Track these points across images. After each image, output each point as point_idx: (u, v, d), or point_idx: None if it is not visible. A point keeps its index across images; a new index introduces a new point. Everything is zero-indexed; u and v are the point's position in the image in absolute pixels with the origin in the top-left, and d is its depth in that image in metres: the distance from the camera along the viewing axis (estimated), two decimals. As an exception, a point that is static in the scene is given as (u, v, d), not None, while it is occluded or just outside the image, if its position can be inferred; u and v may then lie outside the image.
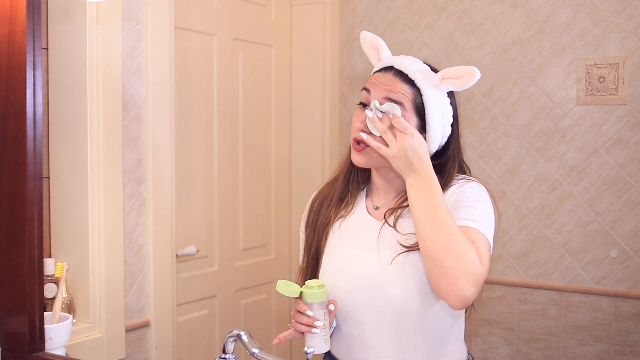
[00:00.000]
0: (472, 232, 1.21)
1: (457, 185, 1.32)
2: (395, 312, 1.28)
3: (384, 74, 1.32)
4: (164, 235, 1.93)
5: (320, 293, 1.24)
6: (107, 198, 1.72)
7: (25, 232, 1.31)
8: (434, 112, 1.29)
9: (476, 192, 1.29)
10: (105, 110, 1.71)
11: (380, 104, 1.26)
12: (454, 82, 1.28)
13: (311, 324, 1.24)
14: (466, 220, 1.23)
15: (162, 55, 1.89)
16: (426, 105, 1.29)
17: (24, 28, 1.28)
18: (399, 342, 1.29)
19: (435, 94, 1.29)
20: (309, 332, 1.24)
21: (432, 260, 1.18)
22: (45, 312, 1.44)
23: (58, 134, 1.72)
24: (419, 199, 1.21)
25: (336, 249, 1.36)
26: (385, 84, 1.30)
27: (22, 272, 1.32)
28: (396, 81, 1.30)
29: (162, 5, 1.88)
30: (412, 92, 1.29)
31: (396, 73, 1.31)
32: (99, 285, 1.72)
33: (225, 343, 1.22)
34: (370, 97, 1.30)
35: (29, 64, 1.29)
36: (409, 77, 1.29)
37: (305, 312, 1.24)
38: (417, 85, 1.29)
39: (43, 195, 1.65)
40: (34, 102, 1.30)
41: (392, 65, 1.32)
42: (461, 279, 1.15)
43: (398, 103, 1.28)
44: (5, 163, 1.32)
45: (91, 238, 1.70)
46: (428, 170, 1.22)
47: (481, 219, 1.24)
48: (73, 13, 1.68)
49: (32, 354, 1.33)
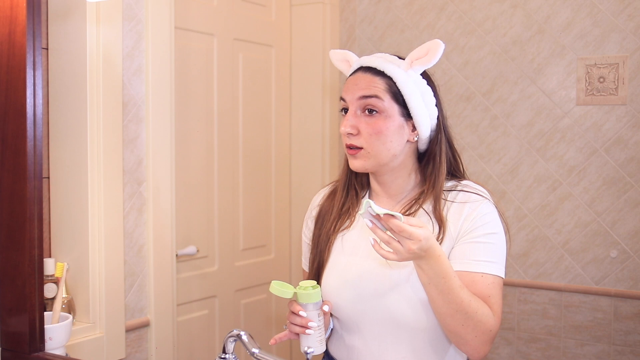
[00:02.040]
0: (488, 284, 1.24)
1: (468, 202, 1.29)
2: (397, 320, 1.27)
3: (354, 75, 1.33)
4: (164, 235, 1.93)
5: (313, 294, 1.23)
6: (107, 198, 1.72)
7: (25, 232, 1.31)
8: (412, 95, 1.28)
9: (488, 219, 1.27)
10: (105, 110, 1.71)
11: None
12: (422, 61, 1.28)
13: (305, 324, 1.23)
14: (483, 262, 1.24)
15: (162, 55, 1.89)
16: (402, 89, 1.28)
17: (24, 28, 1.28)
18: (400, 351, 1.29)
19: (408, 78, 1.28)
20: (303, 332, 1.23)
21: (451, 333, 1.23)
22: (45, 312, 1.44)
23: (58, 134, 1.72)
24: (430, 281, 1.17)
25: (338, 258, 1.35)
26: (357, 84, 1.30)
27: (22, 272, 1.32)
28: (367, 77, 1.29)
29: (162, 5, 1.88)
30: (385, 82, 1.28)
31: (365, 70, 1.31)
32: (99, 285, 1.72)
33: (225, 343, 1.22)
34: (347, 103, 1.31)
35: (29, 64, 1.29)
36: (378, 69, 1.29)
37: (299, 312, 1.23)
38: (388, 74, 1.28)
39: (43, 195, 1.65)
40: (34, 102, 1.30)
41: (361, 65, 1.32)
42: (481, 346, 1.22)
43: (371, 97, 1.27)
44: (5, 163, 1.32)
45: (91, 238, 1.70)
46: (436, 251, 1.14)
47: (497, 256, 1.26)
48: (73, 13, 1.68)
49: (32, 354, 1.33)
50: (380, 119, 1.27)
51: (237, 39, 2.44)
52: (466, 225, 1.26)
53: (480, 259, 1.24)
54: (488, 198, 1.31)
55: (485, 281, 1.23)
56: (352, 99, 1.29)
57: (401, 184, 1.35)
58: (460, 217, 1.27)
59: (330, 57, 1.42)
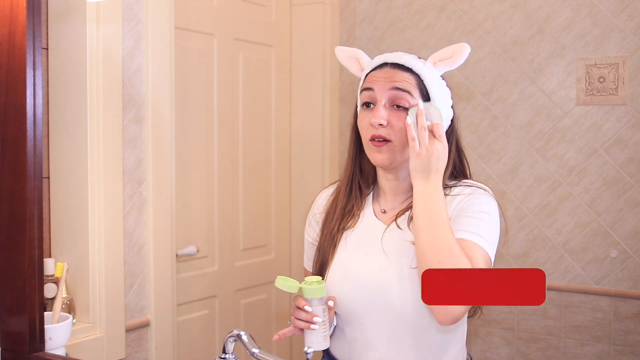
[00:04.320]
0: (472, 247, 1.20)
1: (466, 192, 1.31)
2: (398, 313, 1.28)
3: (381, 70, 1.32)
4: (164, 235, 1.93)
5: (319, 289, 1.23)
6: (107, 198, 1.72)
7: (25, 232, 1.31)
8: (439, 94, 1.30)
9: (484, 202, 1.28)
10: (105, 110, 1.71)
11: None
12: (446, 62, 1.29)
13: (310, 320, 1.23)
14: (468, 232, 1.22)
15: (162, 55, 1.89)
16: (429, 88, 1.29)
17: (24, 28, 1.28)
18: (402, 345, 1.29)
19: (434, 77, 1.30)
20: (308, 328, 1.23)
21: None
22: (45, 312, 1.44)
23: (58, 134, 1.72)
24: (424, 208, 1.20)
25: (341, 255, 1.35)
26: (387, 76, 1.29)
27: (22, 272, 1.32)
28: (397, 72, 1.30)
29: (162, 5, 1.88)
30: (415, 79, 1.29)
31: (393, 66, 1.31)
32: (99, 285, 1.72)
33: (225, 343, 1.22)
34: (375, 94, 1.29)
35: (29, 64, 1.29)
36: (407, 66, 1.30)
37: (304, 307, 1.23)
38: (416, 72, 1.29)
39: (43, 195, 1.65)
40: (34, 102, 1.30)
41: (386, 62, 1.32)
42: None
43: (406, 91, 1.27)
44: (5, 163, 1.32)
45: (91, 238, 1.70)
46: (439, 183, 1.22)
47: (484, 232, 1.24)
48: (73, 13, 1.68)
49: (32, 354, 1.33)
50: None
51: (237, 39, 2.44)
52: (459, 206, 1.28)
53: (468, 230, 1.23)
54: (490, 192, 1.32)
55: (468, 245, 1.21)
56: (383, 90, 1.28)
57: (411, 185, 1.34)
58: (459, 204, 1.28)
59: (337, 53, 1.40)
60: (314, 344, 1.24)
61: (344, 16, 2.76)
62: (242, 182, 2.48)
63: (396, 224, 1.33)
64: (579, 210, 2.44)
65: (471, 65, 2.59)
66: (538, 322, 2.51)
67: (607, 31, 2.36)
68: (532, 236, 2.52)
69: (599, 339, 2.40)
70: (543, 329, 2.50)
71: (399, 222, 1.33)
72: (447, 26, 2.64)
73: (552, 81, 2.47)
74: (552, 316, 2.48)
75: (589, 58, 2.40)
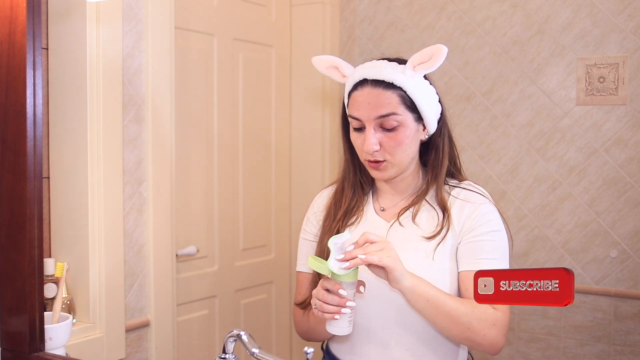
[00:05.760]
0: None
1: (474, 201, 1.33)
2: (401, 308, 1.29)
3: (362, 90, 1.31)
4: (164, 235, 1.93)
5: (353, 272, 1.18)
6: (107, 198, 1.72)
7: (25, 232, 1.31)
8: (423, 100, 1.31)
9: (491, 219, 1.32)
10: (105, 110, 1.71)
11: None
12: (425, 66, 1.30)
13: (343, 304, 1.18)
14: (485, 260, 1.27)
15: (162, 55, 1.89)
16: (414, 98, 1.30)
17: (24, 28, 1.28)
18: (403, 340, 1.30)
19: (415, 84, 1.30)
20: (339, 313, 1.18)
21: (463, 340, 1.26)
22: (45, 312, 1.44)
23: (58, 134, 1.72)
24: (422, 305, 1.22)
25: None
26: (370, 102, 1.29)
27: (22, 272, 1.32)
28: (378, 93, 1.29)
29: (162, 5, 1.88)
30: (398, 94, 1.29)
31: (373, 84, 1.30)
32: (99, 285, 1.72)
33: (225, 343, 1.22)
34: (362, 122, 1.31)
35: (29, 64, 1.29)
36: (387, 81, 1.29)
37: (338, 291, 1.18)
38: (398, 84, 1.29)
39: (43, 195, 1.65)
40: (34, 102, 1.30)
41: (366, 78, 1.31)
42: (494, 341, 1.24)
43: (390, 115, 1.28)
44: (5, 163, 1.32)
45: (91, 238, 1.70)
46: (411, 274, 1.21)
47: (499, 253, 1.29)
48: (73, 13, 1.68)
49: (32, 354, 1.33)
50: (400, 132, 1.30)
51: (237, 39, 2.44)
52: (468, 224, 1.30)
53: (483, 257, 1.27)
54: (489, 199, 1.35)
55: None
56: (369, 119, 1.29)
57: (409, 181, 1.39)
58: (463, 214, 1.31)
59: (315, 65, 1.38)
60: (340, 329, 1.21)
61: (344, 16, 2.76)
62: (242, 182, 2.48)
63: (399, 223, 1.35)
64: (579, 210, 2.43)
65: (471, 65, 2.59)
66: (538, 322, 2.51)
67: (607, 31, 2.36)
68: (532, 236, 2.52)
69: (599, 339, 2.40)
70: (543, 329, 2.50)
71: (401, 220, 1.35)
72: (447, 26, 2.64)
73: (552, 81, 2.47)
74: (552, 316, 2.48)
75: (589, 58, 2.39)
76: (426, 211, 1.35)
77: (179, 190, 2.10)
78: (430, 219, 1.34)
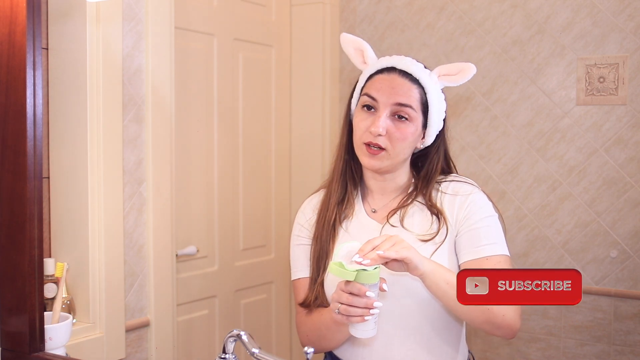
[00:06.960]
0: (495, 264, 1.27)
1: (463, 191, 1.34)
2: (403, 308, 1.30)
3: (388, 75, 1.32)
4: (164, 235, 1.93)
5: (375, 273, 1.17)
6: (107, 198, 1.72)
7: (25, 232, 1.31)
8: (434, 109, 1.32)
9: (482, 205, 1.33)
10: (105, 110, 1.71)
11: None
12: (450, 79, 1.32)
13: (370, 305, 1.16)
14: (485, 246, 1.28)
15: (162, 55, 1.89)
16: (430, 103, 1.31)
17: (24, 28, 1.28)
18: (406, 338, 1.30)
19: (435, 91, 1.32)
20: (367, 314, 1.17)
21: (483, 323, 1.26)
22: (45, 312, 1.44)
23: (58, 134, 1.72)
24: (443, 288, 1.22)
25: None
26: (393, 87, 1.30)
27: (22, 272, 1.32)
28: (403, 82, 1.31)
29: (162, 5, 1.88)
30: (419, 92, 1.31)
31: (401, 74, 1.31)
32: (99, 285, 1.72)
33: (225, 343, 1.22)
34: (377, 104, 1.30)
35: (29, 64, 1.29)
36: (414, 76, 1.30)
37: (365, 294, 1.15)
38: (422, 84, 1.30)
39: (43, 195, 1.65)
40: (34, 102, 1.30)
41: (395, 67, 1.32)
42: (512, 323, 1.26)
43: (407, 106, 1.29)
44: (5, 163, 1.32)
45: (91, 238, 1.70)
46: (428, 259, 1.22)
47: (496, 237, 1.30)
48: (73, 13, 1.68)
49: (32, 354, 1.33)
50: (409, 126, 1.30)
51: (237, 39, 2.44)
52: (462, 214, 1.32)
53: (483, 244, 1.28)
54: (476, 186, 1.37)
55: (490, 263, 1.26)
56: (386, 102, 1.30)
57: (398, 182, 1.39)
58: (454, 207, 1.33)
59: (342, 40, 1.41)
60: (366, 331, 1.20)
61: (344, 16, 2.76)
62: (242, 182, 2.48)
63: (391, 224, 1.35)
64: (579, 210, 2.43)
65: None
66: (538, 322, 2.51)
67: (607, 31, 2.36)
68: (532, 236, 2.52)
69: (599, 339, 2.40)
70: (543, 329, 2.50)
71: (393, 221, 1.35)
72: (447, 26, 2.64)
73: (552, 81, 2.47)
74: (552, 316, 2.48)
75: (589, 58, 2.39)
76: (418, 212, 1.35)
77: (179, 190, 2.10)
78: (423, 220, 1.34)
